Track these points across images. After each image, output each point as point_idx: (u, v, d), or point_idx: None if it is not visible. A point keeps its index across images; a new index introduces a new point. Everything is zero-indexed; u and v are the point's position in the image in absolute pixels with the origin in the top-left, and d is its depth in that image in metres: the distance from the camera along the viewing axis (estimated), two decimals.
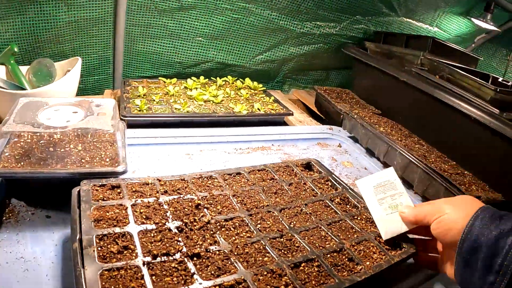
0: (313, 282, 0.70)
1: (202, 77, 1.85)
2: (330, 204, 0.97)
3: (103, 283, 0.62)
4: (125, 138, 1.07)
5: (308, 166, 1.15)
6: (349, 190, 1.04)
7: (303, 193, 1.00)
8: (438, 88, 1.40)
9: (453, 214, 0.73)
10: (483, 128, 1.22)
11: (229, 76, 1.93)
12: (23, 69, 1.47)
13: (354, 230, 0.88)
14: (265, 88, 1.89)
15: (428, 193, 1.21)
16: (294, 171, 1.09)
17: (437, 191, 1.17)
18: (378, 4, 2.04)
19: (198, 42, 1.89)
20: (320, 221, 0.89)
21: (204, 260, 0.72)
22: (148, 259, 0.69)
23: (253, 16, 1.86)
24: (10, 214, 0.92)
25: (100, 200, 0.81)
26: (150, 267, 0.68)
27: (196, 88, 1.71)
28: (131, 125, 1.37)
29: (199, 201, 0.87)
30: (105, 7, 1.64)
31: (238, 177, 1.02)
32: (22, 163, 0.89)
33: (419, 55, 1.63)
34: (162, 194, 0.88)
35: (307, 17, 1.96)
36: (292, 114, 1.65)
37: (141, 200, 0.84)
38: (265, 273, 0.71)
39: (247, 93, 1.74)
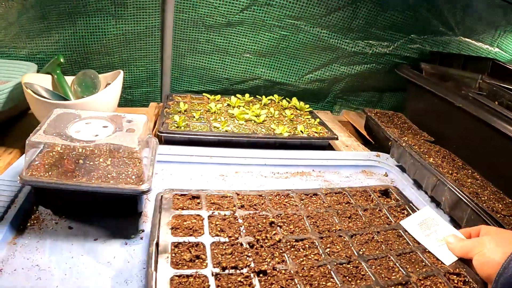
0: None
1: (247, 95, 1.82)
2: (403, 234, 0.96)
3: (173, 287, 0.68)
4: (155, 155, 1.05)
5: (385, 192, 1.14)
6: None
7: (377, 220, 1.00)
8: (496, 115, 1.27)
9: (493, 249, 0.77)
10: None
11: (275, 95, 1.89)
12: (69, 79, 1.50)
13: (423, 263, 0.86)
14: (311, 108, 1.83)
15: None
16: (371, 196, 1.09)
17: None
18: (434, 22, 1.94)
19: (246, 59, 1.86)
20: (390, 251, 0.88)
21: (269, 277, 0.74)
22: (217, 270, 0.73)
23: (302, 33, 1.81)
24: (35, 221, 0.94)
25: (179, 209, 0.88)
26: (217, 278, 0.71)
27: (239, 106, 1.67)
28: (167, 141, 1.35)
29: (273, 219, 0.90)
30: (152, 21, 1.67)
31: (314, 198, 1.04)
32: (50, 173, 0.90)
33: (477, 78, 1.51)
34: (238, 208, 0.92)
35: (359, 36, 1.89)
36: (337, 139, 1.57)
37: (218, 213, 0.89)
38: None
39: (291, 114, 1.68)
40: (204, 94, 1.79)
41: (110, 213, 0.98)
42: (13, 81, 1.30)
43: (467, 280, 0.82)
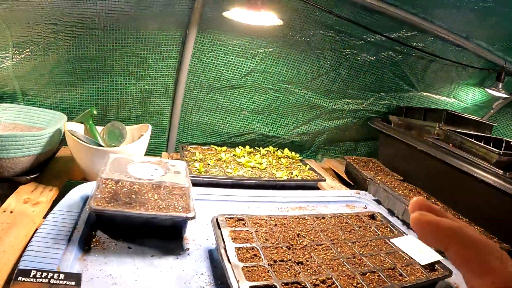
0: (375, 284, 1.05)
1: (247, 147, 2.11)
2: (388, 242, 1.31)
3: (244, 273, 0.99)
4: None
5: (373, 216, 1.50)
6: (403, 233, 1.38)
7: (369, 233, 1.36)
8: (450, 155, 1.62)
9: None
10: (489, 187, 1.42)
11: (270, 147, 2.18)
12: (98, 128, 1.73)
13: (405, 259, 1.21)
14: (301, 157, 2.13)
15: None
16: (363, 219, 1.46)
17: None
18: (399, 82, 2.30)
19: (244, 116, 2.17)
20: (381, 251, 1.24)
21: (305, 266, 1.09)
22: (271, 262, 1.07)
23: (291, 95, 2.15)
24: (97, 243, 1.14)
25: (233, 226, 1.21)
26: (272, 267, 1.05)
27: (244, 156, 1.97)
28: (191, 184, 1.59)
29: (299, 232, 1.26)
30: (167, 82, 1.96)
31: (323, 220, 1.40)
32: (111, 204, 1.12)
33: (435, 126, 1.86)
34: (273, 226, 1.28)
35: (338, 96, 2.24)
36: (324, 180, 1.89)
37: (260, 229, 1.24)
38: (344, 275, 1.06)
39: (286, 162, 2.00)
40: (212, 145, 2.08)
41: (160, 237, 1.21)
42: (52, 127, 1.52)
43: (435, 268, 1.16)
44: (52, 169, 1.65)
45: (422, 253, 1.21)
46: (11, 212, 1.28)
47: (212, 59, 1.93)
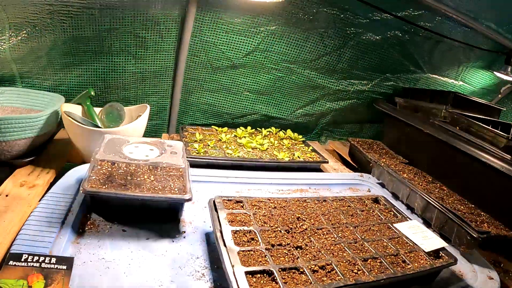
0: (376, 271, 1.01)
1: (249, 127, 2.08)
2: (391, 226, 1.26)
3: (240, 257, 0.95)
4: (189, 173, 1.28)
5: (376, 200, 1.45)
6: (407, 217, 1.33)
7: (372, 217, 1.31)
8: (457, 138, 1.57)
9: None
10: (497, 173, 1.37)
11: (272, 128, 2.15)
12: (96, 109, 1.70)
13: (408, 245, 1.17)
14: (304, 139, 2.10)
15: (444, 230, 1.36)
16: (366, 202, 1.41)
17: (451, 228, 1.32)
18: (405, 63, 2.25)
19: (246, 96, 2.13)
20: (383, 236, 1.19)
21: (304, 250, 1.05)
22: (268, 246, 1.03)
23: (295, 75, 2.10)
24: (91, 226, 1.13)
25: (230, 209, 1.16)
26: (270, 251, 1.01)
27: (245, 136, 1.94)
28: (190, 165, 1.56)
29: (299, 215, 1.21)
30: (167, 62, 1.92)
31: (324, 203, 1.35)
32: (105, 186, 1.10)
33: (442, 109, 1.81)
34: (272, 208, 1.23)
35: (342, 76, 2.19)
36: (327, 162, 1.85)
37: (259, 211, 1.19)
38: (344, 261, 1.03)
39: (288, 143, 1.96)
40: (212, 126, 2.04)
41: (156, 219, 1.19)
42: (49, 110, 1.49)
43: (440, 254, 1.13)
44: (50, 151, 1.63)
45: (427, 239, 1.18)
46: (7, 195, 1.27)
47: (213, 38, 1.88)
